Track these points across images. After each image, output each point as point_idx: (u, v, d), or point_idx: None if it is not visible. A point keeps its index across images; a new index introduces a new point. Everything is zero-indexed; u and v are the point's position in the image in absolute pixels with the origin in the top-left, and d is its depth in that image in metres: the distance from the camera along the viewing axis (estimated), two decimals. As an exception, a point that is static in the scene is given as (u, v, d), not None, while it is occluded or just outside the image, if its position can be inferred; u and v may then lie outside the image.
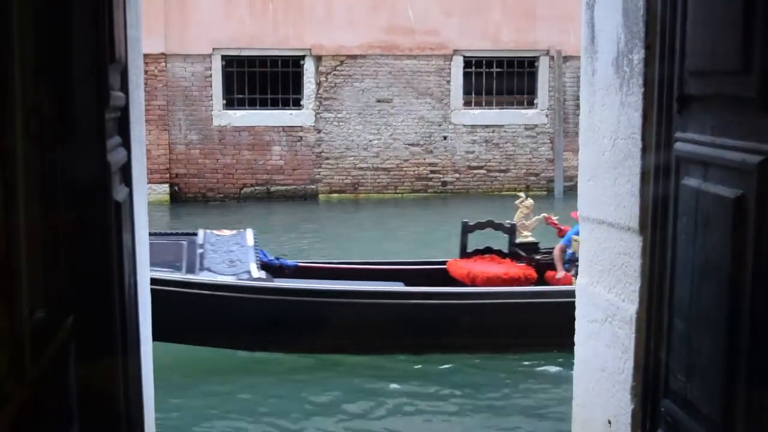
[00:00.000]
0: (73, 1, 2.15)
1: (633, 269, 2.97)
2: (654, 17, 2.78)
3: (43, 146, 1.92)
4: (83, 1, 2.18)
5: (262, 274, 7.35)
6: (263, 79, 16.46)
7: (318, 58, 16.50)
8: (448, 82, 16.79)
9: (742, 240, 2.18)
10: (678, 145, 2.62)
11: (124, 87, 2.69)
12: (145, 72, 14.96)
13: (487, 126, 17.06)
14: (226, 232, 7.92)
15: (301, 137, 16.73)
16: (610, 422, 3.17)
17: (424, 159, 17.00)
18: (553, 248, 8.09)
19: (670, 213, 2.68)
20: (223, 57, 16.37)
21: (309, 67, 16.55)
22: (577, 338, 3.55)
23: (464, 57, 16.81)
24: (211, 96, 16.45)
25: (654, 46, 2.78)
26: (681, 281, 2.59)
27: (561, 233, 8.17)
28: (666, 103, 2.70)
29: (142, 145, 3.21)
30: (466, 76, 16.88)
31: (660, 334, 2.76)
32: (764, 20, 2.07)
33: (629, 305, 3.00)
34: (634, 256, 2.97)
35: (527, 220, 8.36)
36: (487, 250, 8.34)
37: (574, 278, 7.33)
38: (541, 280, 7.94)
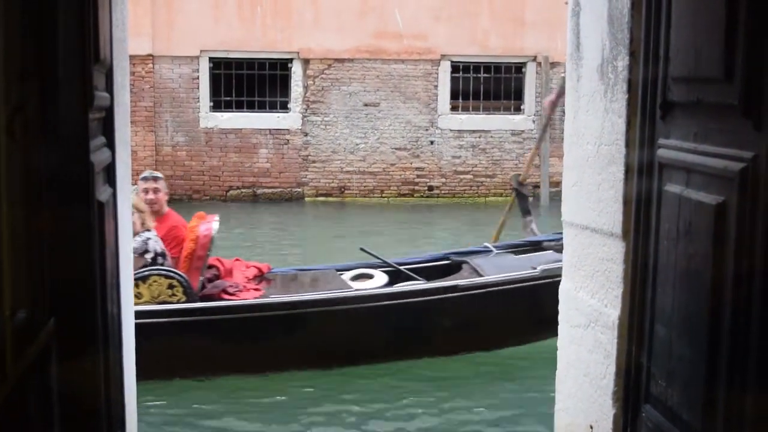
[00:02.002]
0: (58, 1, 2.14)
1: (616, 275, 2.99)
2: (638, 24, 2.79)
3: (26, 146, 1.92)
4: (68, 1, 2.18)
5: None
6: (251, 82, 16.44)
7: (306, 62, 16.50)
8: (436, 86, 16.81)
9: (723, 246, 2.19)
10: (661, 152, 2.63)
11: (109, 88, 2.69)
12: (133, 73, 14.92)
13: (473, 131, 17.09)
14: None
15: (288, 140, 16.72)
16: (592, 427, 3.18)
17: (411, 163, 17.01)
18: None
19: (652, 219, 2.69)
20: (211, 59, 16.35)
21: (297, 70, 16.55)
22: (559, 343, 3.56)
23: (452, 62, 16.84)
24: (199, 98, 16.42)
25: (638, 53, 2.80)
26: (663, 287, 2.61)
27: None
28: (649, 109, 2.72)
29: (127, 146, 3.20)
30: (454, 80, 16.91)
31: (642, 339, 2.77)
32: (746, 29, 2.08)
33: (612, 311, 3.01)
34: (617, 261, 2.98)
35: None
36: None
37: None
38: None
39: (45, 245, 2.10)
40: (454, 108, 16.99)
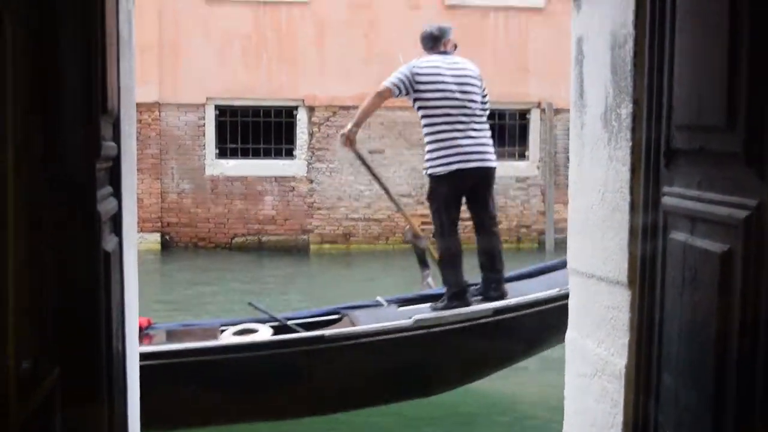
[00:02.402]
0: (66, 50, 2.17)
1: (622, 323, 2.97)
2: (641, 73, 2.81)
3: (33, 195, 1.93)
4: (76, 50, 2.20)
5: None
6: (256, 129, 16.54)
7: (311, 109, 16.61)
8: (440, 133, 16.88)
9: (729, 295, 2.19)
10: (665, 199, 2.64)
11: (116, 137, 2.71)
12: (139, 121, 15.07)
13: (478, 177, 17.11)
14: None
15: (293, 187, 16.77)
16: (599, 477, 3.15)
17: (416, 210, 17.02)
18: None
19: (658, 267, 2.68)
20: (217, 107, 16.47)
21: (302, 117, 16.65)
22: (566, 392, 3.54)
23: (456, 109, 16.93)
24: (204, 145, 16.50)
25: (641, 101, 2.81)
26: (669, 336, 2.60)
27: None
28: (653, 157, 2.73)
29: (134, 194, 3.22)
30: (458, 127, 16.98)
31: (649, 389, 2.75)
32: (748, 77, 2.10)
33: (618, 359, 2.99)
34: (622, 310, 2.97)
35: None
36: None
37: None
38: None
39: (50, 294, 2.11)
40: (458, 154, 17.03)
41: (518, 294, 6.36)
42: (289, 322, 6.62)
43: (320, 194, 16.82)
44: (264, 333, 6.36)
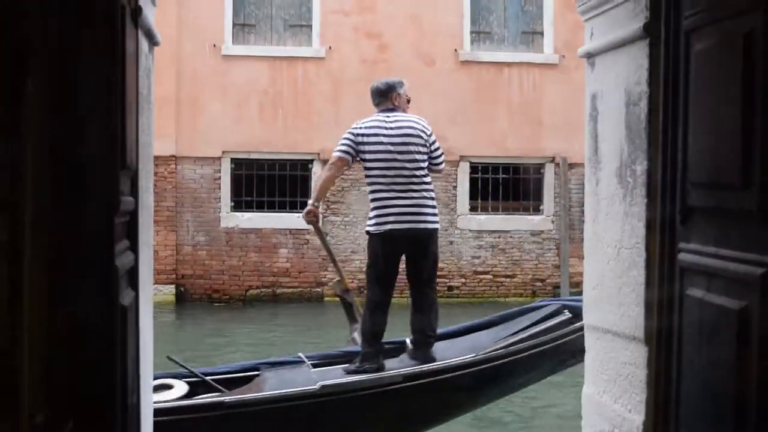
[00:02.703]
0: (87, 109, 2.20)
1: (639, 379, 2.95)
2: (656, 130, 2.83)
3: (50, 249, 1.94)
4: (96, 108, 2.23)
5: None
6: (271, 182, 16.61)
7: (325, 162, 16.69)
8: (455, 187, 16.92)
9: (747, 351, 2.17)
10: (682, 256, 2.63)
11: (134, 191, 2.73)
12: (155, 174, 15.10)
13: (493, 231, 17.12)
14: None
15: (307, 240, 16.79)
16: None
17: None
18: None
19: (675, 323, 2.67)
20: (233, 160, 16.57)
21: (317, 170, 16.72)
22: (583, 450, 3.50)
23: (470, 163, 16.99)
24: (220, 198, 16.58)
25: (656, 158, 2.82)
26: (687, 392, 2.57)
27: None
28: (669, 214, 2.73)
29: (150, 248, 3.23)
30: (473, 181, 17.03)
31: (667, 446, 2.72)
32: (763, 137, 2.11)
33: (636, 416, 2.96)
34: (640, 366, 2.95)
35: None
36: None
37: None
38: None
39: (66, 347, 2.11)
40: (473, 208, 17.06)
41: (441, 357, 6.24)
42: (207, 378, 6.36)
43: (335, 247, 16.80)
44: (178, 389, 6.16)
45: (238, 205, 16.65)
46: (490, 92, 17.04)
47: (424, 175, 6.07)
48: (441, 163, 6.35)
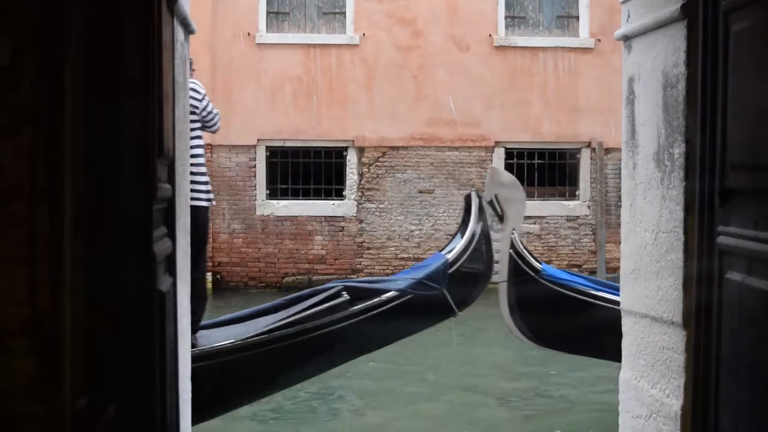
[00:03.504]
0: (124, 97, 2.21)
1: (677, 364, 2.93)
2: (694, 112, 2.79)
3: (90, 237, 1.96)
4: (133, 95, 2.25)
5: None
6: (306, 170, 16.66)
7: (360, 150, 16.70)
8: (490, 173, 16.87)
9: (788, 336, 2.15)
10: (721, 239, 2.60)
11: (171, 179, 2.75)
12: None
13: (528, 217, 17.03)
14: None
15: (343, 227, 16.83)
16: None
17: (466, 249, 16.97)
18: None
19: (714, 307, 2.65)
20: (268, 148, 16.63)
21: (351, 158, 16.75)
22: (621, 434, 3.49)
23: (506, 148, 16.92)
24: (255, 186, 16.66)
25: (695, 140, 2.79)
26: (726, 377, 2.55)
27: None
28: (708, 197, 2.70)
29: (187, 234, 3.26)
30: (508, 167, 16.92)
31: (706, 431, 2.70)
32: (805, 116, 2.08)
33: (674, 401, 2.94)
34: (678, 351, 2.92)
35: None
36: None
37: None
38: None
39: (106, 333, 2.13)
40: (508, 194, 16.98)
41: (202, 343, 6.18)
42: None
43: (370, 234, 16.85)
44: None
45: (273, 193, 16.72)
46: (525, 77, 16.93)
47: (195, 146, 5.53)
48: (214, 125, 6.22)
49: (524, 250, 7.33)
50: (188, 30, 3.40)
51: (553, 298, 7.08)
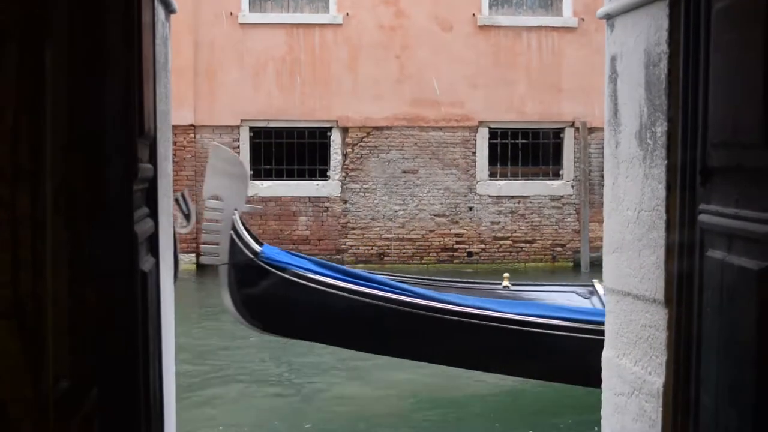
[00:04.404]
0: (105, 76, 2.20)
1: (659, 342, 2.95)
2: (676, 91, 2.80)
3: (70, 217, 1.95)
4: (114, 75, 2.24)
5: None
6: (290, 151, 16.63)
7: (344, 130, 16.68)
8: (474, 153, 16.88)
9: (768, 313, 2.16)
10: (702, 217, 2.62)
11: (153, 159, 2.74)
12: (175, 143, 15.20)
13: (512, 197, 17.08)
14: None
15: (327, 208, 16.82)
16: (638, 498, 3.11)
17: (450, 230, 17.01)
18: None
19: (695, 285, 2.66)
20: (251, 128, 16.59)
21: (335, 138, 16.72)
22: (603, 412, 3.51)
23: (489, 128, 16.92)
24: (239, 167, 16.63)
25: (677, 119, 2.80)
26: (707, 354, 2.57)
27: None
28: (689, 175, 2.71)
29: (170, 216, 3.25)
30: (492, 147, 16.97)
31: (687, 408, 2.73)
32: (785, 94, 2.08)
33: (656, 378, 2.97)
34: (660, 328, 2.95)
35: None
36: None
37: None
38: None
39: (88, 315, 2.13)
40: (492, 174, 17.02)
41: None
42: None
43: (354, 214, 16.86)
44: None
45: (257, 174, 16.68)
46: (508, 57, 16.94)
47: None
48: None
49: (244, 232, 7.22)
50: (169, 9, 3.38)
51: (272, 280, 7.01)
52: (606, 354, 3.48)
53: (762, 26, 2.20)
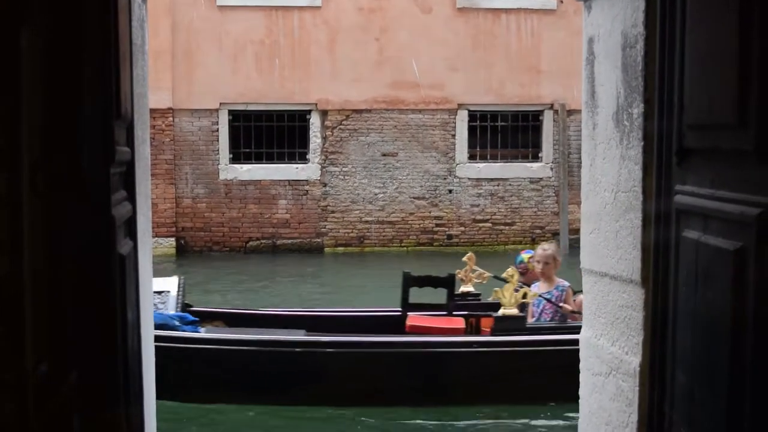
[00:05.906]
0: (81, 57, 2.19)
1: (636, 322, 2.98)
2: (652, 72, 2.82)
3: (48, 200, 1.95)
4: (90, 57, 2.22)
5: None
6: (269, 134, 16.59)
7: (324, 113, 16.64)
8: (453, 135, 16.90)
9: (743, 292, 2.19)
10: (678, 198, 2.64)
11: (130, 142, 2.73)
12: (153, 126, 15.11)
13: (492, 179, 17.13)
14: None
15: (307, 191, 16.81)
16: (615, 476, 3.15)
17: (430, 212, 17.04)
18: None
19: (671, 265, 2.69)
20: (230, 112, 16.53)
21: (315, 121, 16.69)
22: (581, 391, 3.54)
23: (469, 111, 16.94)
24: (218, 150, 16.57)
25: (653, 101, 2.82)
26: (683, 334, 2.60)
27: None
28: (666, 156, 2.73)
29: (148, 199, 3.24)
30: (471, 129, 16.99)
31: (663, 386, 2.76)
32: (760, 75, 2.10)
33: (633, 358, 2.99)
34: (636, 308, 2.97)
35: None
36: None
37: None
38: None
39: (67, 297, 2.13)
40: (472, 157, 17.05)
41: None
42: None
43: (334, 197, 16.85)
44: None
45: (237, 157, 16.64)
46: (488, 39, 16.94)
47: None
48: None
49: None
50: (146, -9, 3.35)
51: None
52: (584, 334, 3.50)
53: (737, 7, 2.21)
